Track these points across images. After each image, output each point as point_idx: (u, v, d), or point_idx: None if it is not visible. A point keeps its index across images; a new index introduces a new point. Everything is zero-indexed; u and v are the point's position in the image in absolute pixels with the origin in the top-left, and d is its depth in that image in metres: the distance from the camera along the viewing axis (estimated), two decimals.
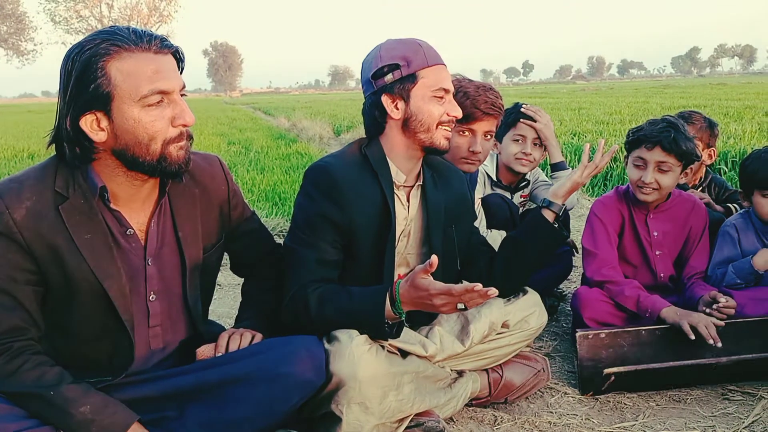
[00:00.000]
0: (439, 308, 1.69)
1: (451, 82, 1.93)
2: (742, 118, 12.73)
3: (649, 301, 2.28)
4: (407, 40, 1.93)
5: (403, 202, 1.97)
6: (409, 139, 1.92)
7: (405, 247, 2.00)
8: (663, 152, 2.39)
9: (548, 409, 2.11)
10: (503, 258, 2.10)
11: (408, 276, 1.72)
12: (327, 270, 1.88)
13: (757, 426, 1.97)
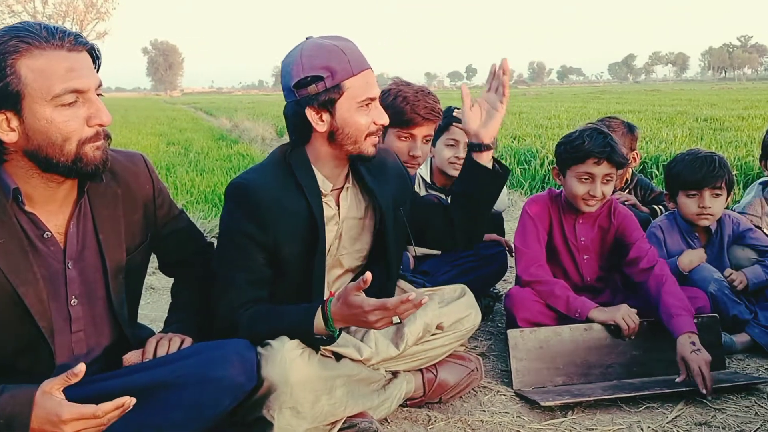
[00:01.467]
0: (373, 324, 1.68)
1: (377, 89, 1.87)
2: (673, 124, 13.22)
3: (578, 302, 2.34)
4: (330, 45, 1.80)
5: (332, 206, 1.94)
6: (336, 150, 1.87)
7: (337, 249, 1.99)
8: (609, 165, 2.43)
9: (481, 408, 2.13)
10: (458, 216, 2.05)
11: (339, 294, 1.70)
12: (256, 289, 1.85)
13: (679, 420, 2.04)
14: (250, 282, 1.84)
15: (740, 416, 2.05)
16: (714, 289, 2.53)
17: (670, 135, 10.39)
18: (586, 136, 2.44)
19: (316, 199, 1.88)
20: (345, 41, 1.85)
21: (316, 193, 1.89)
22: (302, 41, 1.87)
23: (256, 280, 1.84)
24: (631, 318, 2.18)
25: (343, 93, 1.80)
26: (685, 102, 23.44)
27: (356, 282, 1.64)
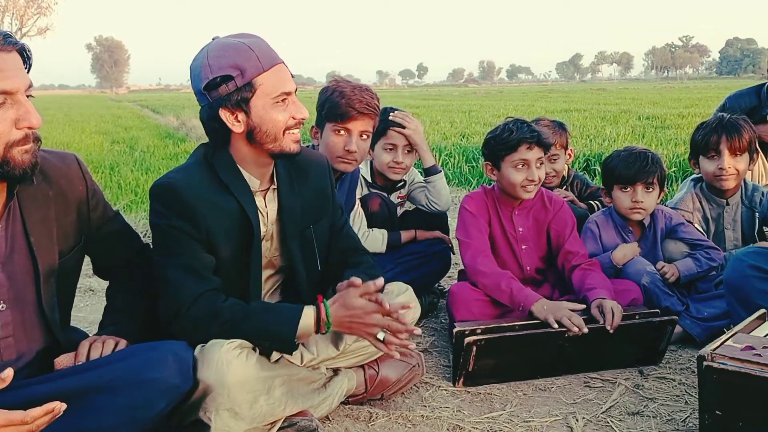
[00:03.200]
0: (369, 328, 1.78)
1: (292, 83, 1.83)
2: (617, 122, 13.56)
3: (522, 294, 2.36)
4: (236, 43, 1.76)
5: (262, 207, 1.93)
6: (257, 149, 1.84)
7: (269, 250, 1.98)
8: (540, 149, 2.52)
9: (422, 403, 2.15)
10: None
11: (337, 297, 1.81)
12: (212, 276, 1.81)
13: (614, 410, 2.10)
14: (204, 268, 1.80)
15: (671, 405, 2.12)
16: (647, 282, 2.60)
17: (614, 133, 10.68)
18: (512, 126, 2.53)
19: (247, 197, 1.87)
20: (252, 38, 1.82)
21: (246, 192, 1.87)
22: (208, 42, 1.84)
23: (210, 267, 1.81)
24: (573, 321, 2.21)
25: (255, 90, 1.77)
26: (629, 101, 24.07)
27: (353, 284, 1.77)
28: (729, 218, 2.94)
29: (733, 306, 2.14)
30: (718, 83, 55.40)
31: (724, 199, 2.93)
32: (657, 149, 8.24)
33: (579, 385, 2.28)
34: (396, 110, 2.96)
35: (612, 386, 2.26)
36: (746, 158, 2.85)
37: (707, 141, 2.85)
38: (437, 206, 2.99)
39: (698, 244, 2.76)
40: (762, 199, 2.93)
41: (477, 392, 2.23)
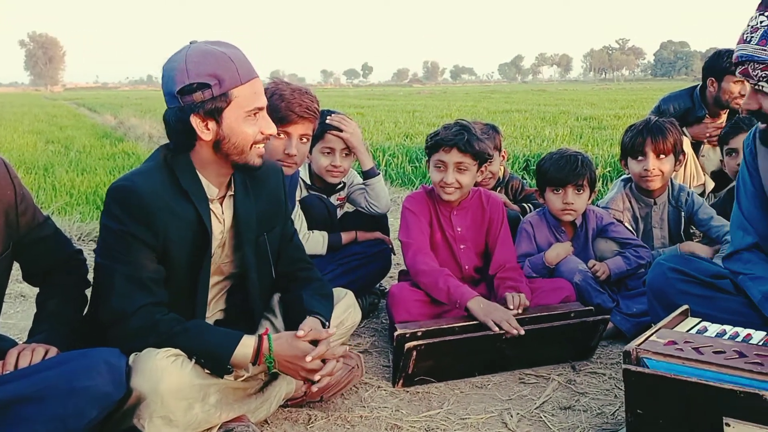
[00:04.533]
0: (305, 371, 1.84)
1: (264, 98, 1.85)
2: (556, 122, 13.88)
3: (458, 291, 2.40)
4: (217, 52, 1.76)
5: (218, 215, 1.92)
6: (221, 159, 1.84)
7: (220, 257, 1.97)
8: (460, 153, 2.55)
9: (361, 404, 2.17)
10: (286, 297, 2.15)
11: (284, 334, 1.87)
12: (159, 289, 1.80)
13: (547, 406, 2.16)
14: (154, 281, 1.79)
15: (601, 399, 2.20)
16: (579, 280, 2.69)
17: (553, 133, 10.93)
18: (445, 127, 2.59)
19: (203, 204, 1.86)
20: (233, 48, 1.82)
21: (203, 199, 1.86)
22: (186, 45, 1.83)
23: (156, 279, 1.80)
24: (507, 321, 2.27)
25: (230, 102, 1.77)
26: (568, 102, 24.68)
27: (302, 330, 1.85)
28: (657, 217, 3.06)
29: (653, 307, 2.23)
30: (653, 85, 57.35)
31: (651, 198, 3.05)
32: (593, 150, 8.51)
33: (514, 382, 2.34)
34: (333, 113, 2.96)
35: (546, 382, 2.33)
36: (671, 160, 2.97)
37: (634, 143, 2.97)
38: (377, 208, 3.01)
39: (627, 243, 2.87)
40: (688, 199, 3.06)
41: (416, 391, 2.26)
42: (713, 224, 2.98)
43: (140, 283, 1.76)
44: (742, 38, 1.91)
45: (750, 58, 1.87)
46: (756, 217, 2.12)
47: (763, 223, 2.11)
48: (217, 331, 1.85)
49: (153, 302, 1.77)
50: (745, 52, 1.88)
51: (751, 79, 1.90)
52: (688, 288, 2.14)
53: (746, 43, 1.88)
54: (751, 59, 1.87)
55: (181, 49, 1.81)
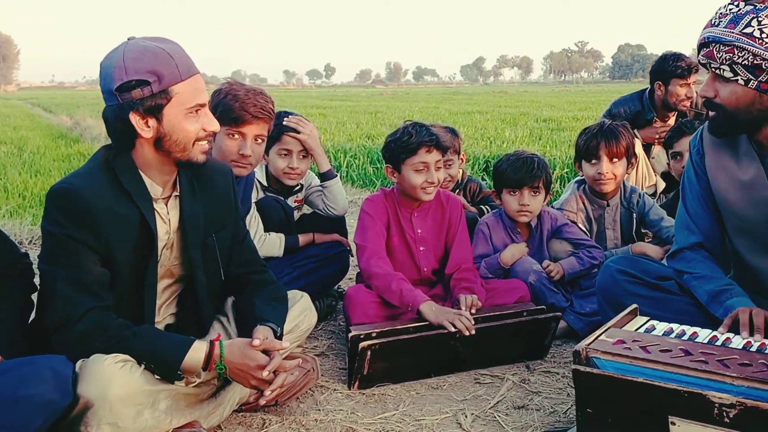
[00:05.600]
0: (255, 380, 1.82)
1: (206, 94, 1.84)
2: (517, 124, 14.05)
3: (411, 295, 2.42)
4: (156, 48, 1.74)
5: (164, 215, 1.89)
6: (163, 156, 1.82)
7: (168, 259, 1.94)
8: (438, 152, 2.60)
9: (316, 407, 2.16)
10: (239, 299, 2.14)
11: (237, 341, 1.84)
12: (106, 293, 1.77)
13: (501, 405, 2.19)
14: (99, 284, 1.76)
15: (554, 398, 2.23)
16: (533, 280, 2.73)
17: (513, 135, 11.06)
18: (411, 130, 2.60)
19: (147, 205, 1.83)
20: (172, 44, 1.80)
21: (146, 199, 1.83)
22: (124, 42, 1.80)
23: (102, 283, 1.77)
24: (459, 319, 2.29)
25: (170, 98, 1.75)
26: (528, 103, 25.00)
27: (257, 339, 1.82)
28: (609, 218, 3.12)
29: (603, 308, 2.28)
30: (611, 87, 58.41)
31: (604, 200, 3.10)
32: (552, 151, 8.64)
33: (470, 382, 2.36)
34: (291, 114, 2.95)
35: (500, 382, 2.35)
36: (624, 163, 3.03)
37: (588, 146, 3.02)
38: (334, 210, 3.01)
39: (581, 244, 2.92)
40: (639, 201, 3.13)
41: (371, 393, 2.26)
42: (663, 225, 3.05)
43: (85, 287, 1.73)
44: (710, 23, 1.93)
45: (716, 39, 1.89)
46: (701, 217, 2.16)
47: (708, 222, 2.15)
48: (167, 336, 1.82)
49: (100, 306, 1.74)
50: (711, 33, 1.90)
51: (714, 62, 1.91)
52: (635, 289, 2.19)
53: (713, 26, 1.91)
54: (717, 41, 1.88)
55: (118, 45, 1.79)
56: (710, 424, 1.54)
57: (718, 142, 2.11)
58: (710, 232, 2.15)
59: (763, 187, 2.00)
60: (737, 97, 1.91)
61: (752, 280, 2.10)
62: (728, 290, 2.01)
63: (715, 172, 2.11)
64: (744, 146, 2.05)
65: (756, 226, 2.04)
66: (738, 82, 1.89)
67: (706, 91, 1.97)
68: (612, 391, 1.67)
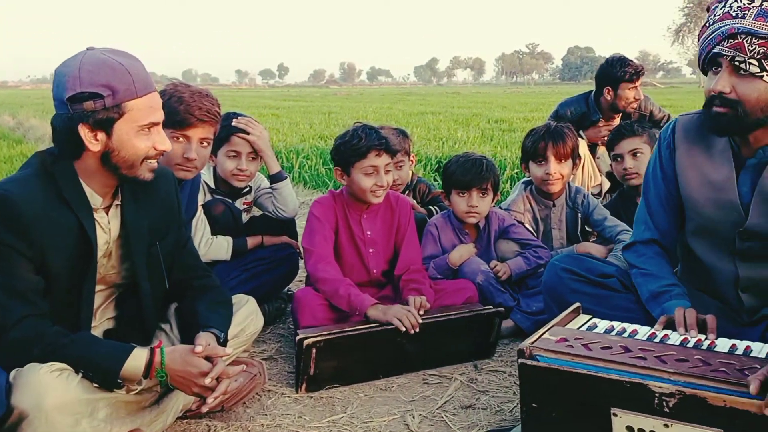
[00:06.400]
0: (198, 389, 1.78)
1: (161, 113, 1.81)
2: (469, 125, 14.18)
3: (358, 300, 2.42)
4: (114, 62, 1.71)
5: (104, 225, 1.85)
6: (108, 171, 1.78)
7: (105, 267, 1.90)
8: (388, 155, 2.60)
9: (263, 412, 2.14)
10: (183, 304, 2.10)
11: (179, 347, 1.81)
12: (40, 300, 1.72)
13: (449, 405, 2.20)
14: (33, 291, 1.70)
15: (501, 397, 2.26)
16: (481, 280, 2.76)
17: (465, 136, 11.16)
18: (361, 133, 2.59)
19: (86, 214, 1.79)
20: (132, 60, 1.76)
21: (86, 208, 1.79)
22: (82, 51, 1.76)
23: (36, 290, 1.71)
24: (404, 314, 2.30)
25: (123, 114, 1.72)
26: (480, 104, 25.27)
27: (199, 346, 1.78)
28: (555, 218, 3.17)
29: (549, 306, 2.31)
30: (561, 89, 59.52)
31: (551, 200, 3.16)
32: (503, 152, 8.75)
33: (418, 383, 2.37)
34: (240, 116, 2.92)
35: (448, 382, 2.37)
36: (570, 164, 3.09)
37: (536, 147, 3.07)
38: (284, 213, 2.99)
39: (527, 244, 2.97)
40: (584, 201, 3.19)
41: (320, 397, 2.25)
42: (607, 225, 3.12)
43: (19, 295, 1.68)
44: (728, 15, 1.84)
45: (750, 31, 1.78)
46: (659, 215, 2.16)
47: (665, 221, 2.16)
48: (106, 344, 1.78)
49: (35, 314, 1.69)
50: (742, 25, 1.79)
51: (742, 55, 1.80)
52: (579, 287, 2.22)
53: (737, 18, 1.81)
54: (751, 33, 1.78)
55: (77, 54, 1.75)
56: (651, 414, 1.58)
57: (692, 137, 2.07)
58: (666, 231, 2.16)
59: (731, 190, 1.98)
60: (759, 95, 1.83)
61: (703, 276, 2.10)
62: (668, 291, 2.04)
63: (685, 169, 2.08)
64: (721, 145, 2.01)
65: (718, 228, 2.03)
66: (763, 78, 1.81)
67: (722, 86, 1.84)
68: (556, 384, 1.70)
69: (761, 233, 1.96)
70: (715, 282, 2.09)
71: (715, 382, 1.55)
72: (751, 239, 1.99)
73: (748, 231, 1.98)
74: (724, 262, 2.06)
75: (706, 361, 1.65)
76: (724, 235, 2.03)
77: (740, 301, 2.06)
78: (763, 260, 2.01)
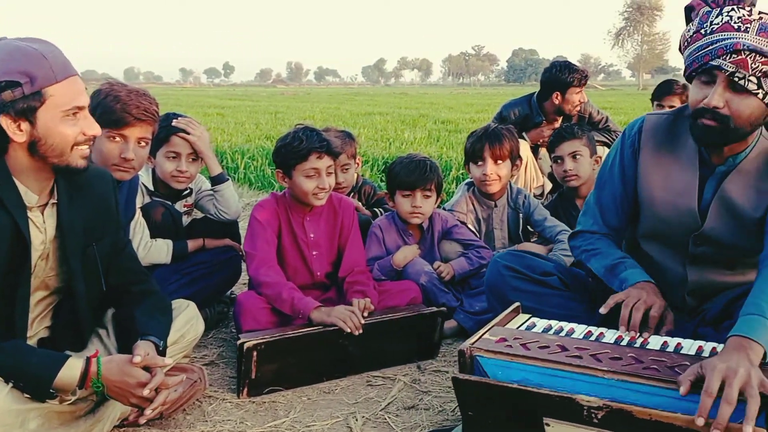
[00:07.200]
0: (137, 400, 1.75)
1: (85, 96, 1.75)
2: (416, 126, 14.28)
3: (302, 303, 2.40)
4: (28, 49, 1.65)
5: (39, 224, 1.79)
6: (39, 162, 1.72)
7: (44, 270, 1.84)
8: (330, 157, 2.59)
9: (204, 418, 2.10)
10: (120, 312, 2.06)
11: (115, 357, 1.77)
12: None
13: (392, 407, 2.21)
14: None
15: (443, 397, 2.27)
16: (425, 281, 2.78)
17: (411, 136, 11.23)
18: (302, 135, 2.57)
19: (21, 213, 1.72)
20: (47, 45, 1.70)
21: (20, 207, 1.72)
22: None
23: None
24: (347, 315, 2.30)
25: (44, 101, 1.66)
26: (427, 105, 25.48)
27: (138, 356, 1.75)
28: (497, 219, 3.22)
29: (491, 304, 2.34)
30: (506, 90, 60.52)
31: (492, 201, 3.21)
32: (449, 152, 8.84)
33: (362, 385, 2.37)
34: (180, 116, 2.87)
35: (392, 383, 2.38)
36: (508, 165, 3.15)
37: (474, 149, 3.12)
38: (226, 215, 2.95)
39: (470, 244, 3.00)
40: (525, 201, 3.25)
41: (262, 401, 2.22)
42: (547, 225, 3.18)
43: None
44: (730, 26, 1.79)
45: (754, 49, 1.74)
46: (611, 212, 2.17)
47: (617, 219, 2.17)
48: (38, 353, 1.72)
49: None
50: (747, 41, 1.75)
51: (743, 71, 1.76)
52: (520, 285, 2.25)
53: (739, 32, 1.77)
54: (755, 50, 1.74)
55: None
56: (581, 424, 1.61)
57: (660, 139, 2.05)
58: (615, 228, 2.18)
59: (692, 196, 1.99)
60: (751, 112, 1.81)
61: (651, 275, 2.10)
62: (622, 263, 2.06)
63: (648, 170, 2.06)
64: (690, 151, 2.00)
65: (673, 232, 2.05)
66: (758, 95, 1.79)
67: (716, 101, 1.80)
68: (489, 396, 1.71)
69: (715, 239, 2.00)
70: (662, 282, 2.10)
71: (645, 380, 1.60)
72: (704, 245, 2.02)
73: (702, 236, 2.01)
74: (675, 265, 2.10)
75: (638, 359, 1.70)
76: (677, 239, 2.05)
77: (684, 301, 2.12)
78: (713, 265, 2.06)
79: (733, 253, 2.03)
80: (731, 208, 1.97)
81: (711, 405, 1.44)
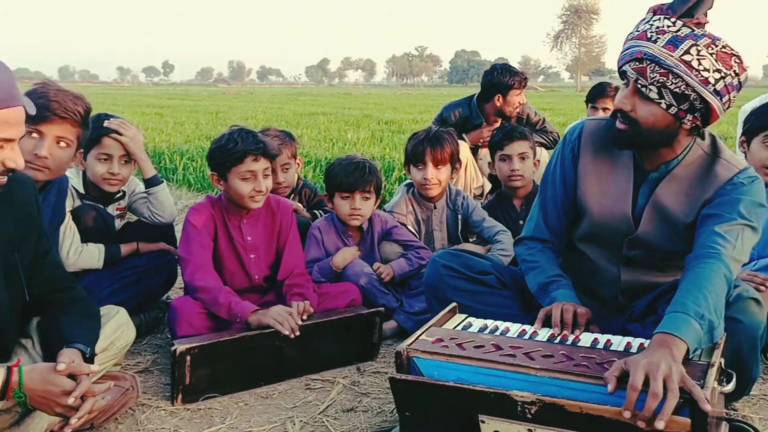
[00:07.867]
0: (61, 409, 1.68)
1: (21, 128, 1.65)
2: (359, 126, 14.28)
3: (239, 307, 2.37)
4: None
5: None
6: None
7: None
8: (266, 160, 2.56)
9: (137, 427, 2.05)
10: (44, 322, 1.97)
11: (38, 366, 1.70)
12: None
13: (330, 410, 2.20)
14: None
15: (382, 398, 2.27)
16: (364, 282, 2.78)
17: (355, 137, 11.23)
18: (237, 137, 2.53)
19: None
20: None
21: None
22: None
23: None
24: (284, 317, 2.28)
25: None
26: (371, 105, 25.51)
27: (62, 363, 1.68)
28: (437, 220, 3.25)
29: (431, 303, 2.35)
30: (449, 91, 61.15)
31: (432, 202, 3.23)
32: (392, 153, 8.87)
33: (300, 389, 2.35)
34: (112, 117, 2.78)
35: (331, 386, 2.37)
36: (448, 168, 3.18)
37: (415, 152, 3.14)
38: (161, 218, 2.88)
39: (410, 245, 3.01)
40: (463, 203, 3.28)
41: (197, 408, 2.18)
42: (485, 225, 3.22)
43: None
44: (643, 35, 1.86)
45: (654, 59, 1.82)
46: (554, 217, 2.22)
47: (559, 223, 2.22)
48: None
49: None
50: (649, 51, 1.83)
51: (643, 79, 1.84)
52: (458, 284, 2.27)
53: (650, 41, 1.84)
54: (654, 60, 1.82)
55: None
56: (515, 420, 1.63)
57: (598, 146, 2.10)
58: (557, 232, 2.23)
59: (626, 201, 2.05)
60: (655, 119, 1.88)
61: (587, 274, 2.17)
62: (556, 281, 2.11)
63: (586, 176, 2.12)
64: (626, 157, 2.06)
65: (608, 235, 2.10)
66: (660, 105, 1.85)
67: (623, 104, 1.90)
68: (426, 395, 1.72)
69: (647, 243, 2.07)
70: (597, 282, 2.19)
71: (576, 377, 1.64)
72: (637, 248, 2.10)
73: (635, 240, 2.08)
74: (609, 265, 2.17)
75: (569, 356, 1.73)
76: (612, 242, 2.12)
77: (617, 299, 2.19)
78: (645, 267, 2.14)
79: (665, 256, 2.11)
80: (663, 214, 2.04)
81: (636, 398, 1.49)
